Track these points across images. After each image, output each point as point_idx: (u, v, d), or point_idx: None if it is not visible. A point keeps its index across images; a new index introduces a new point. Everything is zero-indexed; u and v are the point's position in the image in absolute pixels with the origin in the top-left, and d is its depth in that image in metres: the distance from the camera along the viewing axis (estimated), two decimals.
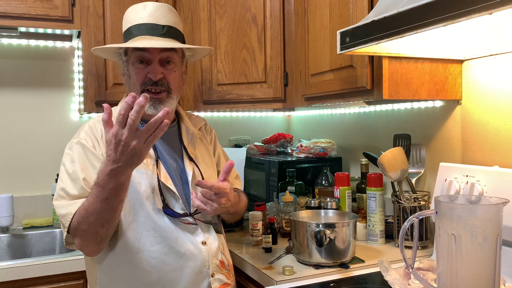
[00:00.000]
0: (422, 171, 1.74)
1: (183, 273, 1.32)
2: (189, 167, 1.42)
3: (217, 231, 1.44)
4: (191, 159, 1.44)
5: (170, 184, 1.35)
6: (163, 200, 1.32)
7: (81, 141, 1.32)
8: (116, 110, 1.37)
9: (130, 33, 1.36)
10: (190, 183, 1.40)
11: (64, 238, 1.27)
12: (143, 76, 1.34)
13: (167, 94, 1.36)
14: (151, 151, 1.36)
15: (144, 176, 1.32)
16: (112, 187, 1.10)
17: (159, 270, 1.30)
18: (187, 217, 1.35)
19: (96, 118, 1.40)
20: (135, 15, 1.37)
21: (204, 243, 1.36)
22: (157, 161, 1.36)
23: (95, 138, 1.33)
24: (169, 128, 1.43)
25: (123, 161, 1.06)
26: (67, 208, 1.22)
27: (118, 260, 1.30)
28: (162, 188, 1.33)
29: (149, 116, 1.34)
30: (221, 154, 1.64)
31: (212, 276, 1.36)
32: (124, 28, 1.40)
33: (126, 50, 1.37)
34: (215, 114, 2.59)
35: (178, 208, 1.35)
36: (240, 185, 1.67)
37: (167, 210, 1.32)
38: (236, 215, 1.52)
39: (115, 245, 1.30)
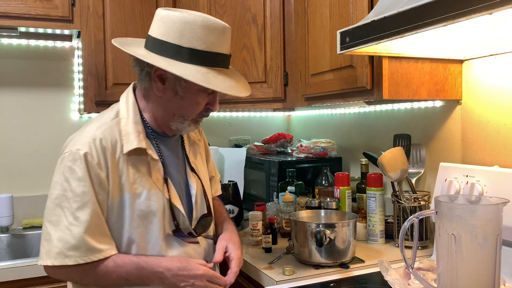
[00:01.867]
0: (422, 171, 1.74)
1: None
2: (193, 181, 1.36)
3: (215, 242, 1.40)
4: (192, 170, 1.38)
5: (179, 205, 1.28)
6: (177, 225, 1.26)
7: (86, 156, 1.16)
8: (114, 108, 1.30)
9: (204, 59, 1.20)
10: (194, 198, 1.34)
11: (42, 263, 1.16)
12: (203, 105, 1.27)
13: None
14: (160, 167, 1.27)
15: (154, 198, 1.23)
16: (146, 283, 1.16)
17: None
18: (195, 238, 1.31)
19: (104, 123, 1.23)
20: (213, 38, 1.21)
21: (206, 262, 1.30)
22: (166, 179, 1.27)
23: (102, 153, 1.18)
24: (172, 137, 1.37)
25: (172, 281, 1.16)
26: (87, 251, 1.14)
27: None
28: (174, 211, 1.26)
29: (184, 133, 1.34)
30: (211, 160, 1.60)
31: None
32: (189, 43, 1.18)
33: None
34: (215, 114, 2.59)
35: (184, 227, 1.29)
36: (219, 182, 1.62)
37: (179, 235, 1.27)
38: None
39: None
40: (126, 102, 1.28)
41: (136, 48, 1.25)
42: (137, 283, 1.18)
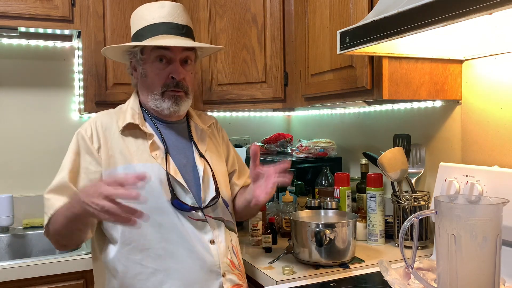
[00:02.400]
0: (422, 171, 1.74)
1: (192, 272, 1.29)
2: (200, 163, 1.40)
3: (230, 229, 1.41)
4: (201, 155, 1.42)
5: (179, 177, 1.33)
6: (172, 191, 1.29)
7: (81, 132, 1.35)
8: (120, 110, 1.43)
9: (148, 32, 1.34)
10: (201, 178, 1.37)
11: (44, 225, 1.28)
12: (165, 76, 1.35)
13: (185, 94, 1.38)
14: (160, 145, 1.36)
15: (150, 169, 1.30)
16: (73, 214, 1.15)
17: (167, 269, 1.27)
18: (197, 212, 1.32)
19: (105, 111, 1.43)
20: (152, 14, 1.35)
21: (212, 241, 1.33)
22: (166, 154, 1.35)
23: (95, 129, 1.34)
24: (179, 124, 1.45)
25: (82, 206, 1.07)
26: (50, 202, 1.26)
27: (124, 259, 1.28)
28: (171, 181, 1.31)
29: (170, 112, 1.37)
30: (235, 155, 1.62)
31: (223, 276, 1.32)
32: (138, 26, 1.37)
33: (143, 49, 1.35)
34: (215, 114, 2.58)
35: (188, 202, 1.32)
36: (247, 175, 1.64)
37: (175, 202, 1.29)
38: (257, 210, 1.56)
39: (119, 243, 1.28)
40: (129, 99, 1.45)
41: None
42: (72, 216, 1.16)
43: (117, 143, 1.32)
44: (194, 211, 1.32)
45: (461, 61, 1.57)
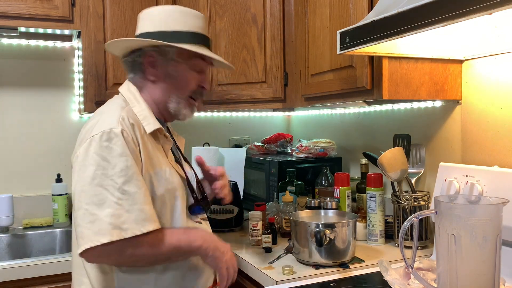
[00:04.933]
0: (422, 171, 1.74)
1: (201, 269, 1.32)
2: (188, 168, 1.43)
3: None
4: (185, 160, 1.46)
5: (193, 184, 1.37)
6: (196, 198, 1.33)
7: (119, 133, 1.15)
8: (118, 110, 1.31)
9: (191, 37, 1.32)
10: (194, 183, 1.41)
11: (89, 246, 1.09)
12: (196, 84, 1.36)
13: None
14: (174, 150, 1.38)
15: (173, 175, 1.28)
16: (194, 248, 1.21)
17: (180, 269, 1.28)
18: (195, 216, 1.36)
19: (126, 108, 1.26)
20: (191, 21, 1.33)
21: None
22: (178, 159, 1.37)
23: (132, 129, 1.20)
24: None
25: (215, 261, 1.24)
26: (132, 222, 1.11)
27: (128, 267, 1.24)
28: (192, 187, 1.35)
29: (182, 119, 1.38)
30: None
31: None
32: (177, 27, 1.31)
33: (180, 52, 1.32)
34: (215, 114, 2.59)
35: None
36: None
37: (197, 208, 1.34)
38: None
39: None
40: (131, 93, 1.33)
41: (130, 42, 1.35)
42: (183, 251, 1.21)
43: (147, 146, 1.24)
44: (194, 216, 1.36)
45: (461, 61, 1.57)
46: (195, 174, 1.44)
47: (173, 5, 1.39)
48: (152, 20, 1.33)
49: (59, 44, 2.26)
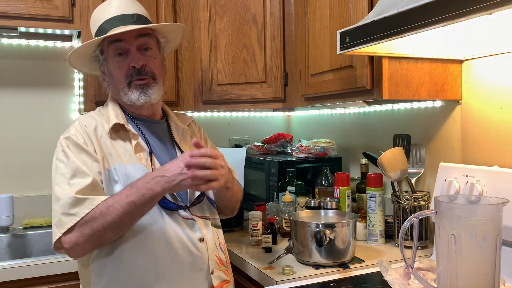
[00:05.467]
0: (422, 171, 1.74)
1: (182, 270, 1.29)
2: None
3: (216, 226, 1.43)
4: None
5: None
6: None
7: (71, 137, 1.29)
8: (104, 111, 1.40)
9: (101, 31, 1.36)
10: None
11: (55, 239, 1.21)
12: (126, 67, 1.35)
13: (152, 80, 1.37)
14: (144, 145, 1.36)
15: (138, 171, 1.29)
16: (150, 195, 1.17)
17: (157, 268, 1.27)
18: (184, 211, 1.33)
19: (87, 114, 1.41)
20: (102, 13, 1.38)
21: (202, 240, 1.34)
22: (150, 154, 1.35)
23: (86, 134, 1.31)
24: (159, 124, 1.46)
25: (176, 181, 1.16)
26: (90, 200, 1.19)
27: (114, 260, 1.27)
28: None
29: (142, 107, 1.39)
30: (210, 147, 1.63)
31: (212, 274, 1.34)
32: (94, 29, 1.40)
33: (102, 49, 1.37)
34: (215, 114, 2.59)
35: (174, 201, 1.33)
36: (236, 177, 1.64)
37: (162, 201, 1.29)
38: (232, 200, 1.50)
39: (110, 245, 1.27)
40: (108, 100, 1.45)
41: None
42: (139, 201, 1.18)
43: (106, 145, 1.31)
44: (181, 210, 1.33)
45: (461, 61, 1.57)
46: None
47: (97, 7, 1.43)
48: (90, 29, 1.45)
49: (59, 44, 2.26)
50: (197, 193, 1.39)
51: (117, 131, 1.34)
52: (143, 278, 1.27)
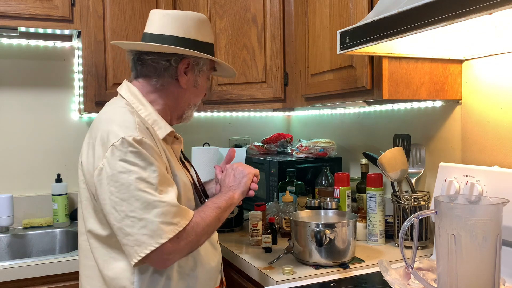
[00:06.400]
0: (422, 171, 1.74)
1: (212, 270, 1.33)
2: (190, 168, 1.43)
3: None
4: (186, 158, 1.45)
5: (198, 187, 1.38)
6: (202, 201, 1.33)
7: (144, 140, 1.14)
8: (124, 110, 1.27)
9: (211, 48, 1.37)
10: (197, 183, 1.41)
11: (150, 250, 1.07)
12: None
13: None
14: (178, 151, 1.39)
15: (183, 178, 1.28)
16: (231, 200, 1.27)
17: (196, 272, 1.28)
18: None
19: (127, 110, 1.24)
20: (210, 31, 1.38)
21: (218, 241, 1.40)
22: (183, 162, 1.38)
23: (151, 137, 1.20)
24: None
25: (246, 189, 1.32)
26: (179, 215, 1.12)
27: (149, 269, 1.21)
28: (198, 190, 1.36)
29: (186, 122, 1.43)
30: None
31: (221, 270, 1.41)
32: (205, 38, 1.34)
33: (206, 62, 1.36)
34: (215, 114, 2.59)
35: None
36: None
37: None
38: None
39: None
40: (134, 96, 1.29)
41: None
42: (225, 208, 1.26)
43: (164, 151, 1.25)
44: None
45: (461, 61, 1.57)
46: (196, 175, 1.44)
47: (194, 13, 1.36)
48: (182, 25, 1.30)
49: (59, 44, 2.26)
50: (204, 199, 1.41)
51: (164, 138, 1.28)
52: (181, 280, 1.25)
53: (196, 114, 2.43)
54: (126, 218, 1.09)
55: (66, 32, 2.13)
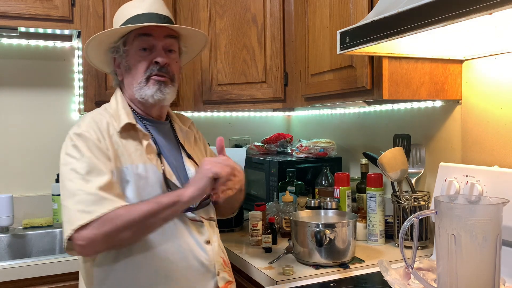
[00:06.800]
0: (422, 171, 1.74)
1: (190, 273, 1.29)
2: (189, 164, 1.41)
3: (217, 227, 1.44)
4: (189, 156, 1.43)
5: (174, 179, 1.32)
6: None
7: (84, 133, 1.25)
8: (109, 107, 1.38)
9: (130, 23, 1.34)
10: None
11: (67, 236, 1.15)
12: (148, 62, 1.34)
13: (170, 81, 1.37)
14: (153, 146, 1.34)
15: (150, 171, 1.28)
16: (176, 199, 1.18)
17: (166, 271, 1.26)
18: (192, 212, 1.33)
19: (98, 110, 1.36)
20: (133, 8, 1.37)
21: (208, 242, 1.34)
22: (159, 155, 1.34)
23: (99, 131, 1.27)
24: (164, 125, 1.45)
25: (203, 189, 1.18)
26: (96, 204, 1.14)
27: (122, 261, 1.25)
28: (168, 183, 1.30)
29: (153, 107, 1.39)
30: (211, 151, 1.62)
31: (218, 275, 1.33)
32: (121, 21, 1.37)
33: (126, 41, 1.36)
34: (215, 114, 2.59)
35: None
36: None
37: None
38: (239, 202, 1.50)
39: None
40: (115, 97, 1.41)
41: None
42: (166, 201, 1.18)
43: (118, 144, 1.28)
44: (189, 212, 1.33)
45: (461, 61, 1.57)
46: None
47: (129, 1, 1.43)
48: (115, 19, 1.43)
49: (59, 44, 2.26)
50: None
51: (127, 130, 1.31)
52: (152, 280, 1.25)
53: (196, 114, 2.44)
54: (62, 202, 1.22)
55: (66, 32, 2.13)
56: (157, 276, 1.26)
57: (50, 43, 2.25)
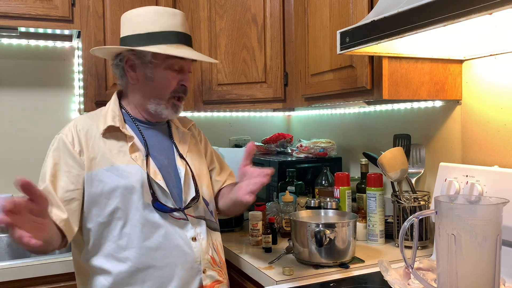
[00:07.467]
0: (422, 171, 1.74)
1: (174, 269, 1.32)
2: (180, 164, 1.43)
3: (212, 228, 1.45)
4: (181, 156, 1.45)
5: (159, 179, 1.35)
6: (153, 194, 1.33)
7: (61, 137, 1.34)
8: (109, 109, 1.41)
9: (163, 38, 1.35)
10: (182, 179, 1.41)
11: None
12: (176, 83, 1.39)
13: (184, 97, 1.45)
14: (141, 146, 1.38)
15: (133, 171, 1.33)
16: None
17: (148, 267, 1.30)
18: (177, 212, 1.36)
19: (87, 114, 1.43)
20: (165, 21, 1.36)
21: (194, 239, 1.37)
22: (147, 156, 1.37)
23: (76, 133, 1.34)
24: (160, 125, 1.48)
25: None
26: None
27: (107, 258, 1.31)
28: (151, 183, 1.33)
29: (165, 117, 1.44)
30: (213, 153, 1.65)
31: (203, 273, 1.37)
32: (150, 28, 1.35)
33: (155, 54, 1.36)
34: (215, 114, 2.59)
35: (169, 203, 1.35)
36: (234, 180, 1.65)
37: (157, 204, 1.32)
38: (243, 208, 1.51)
39: (103, 242, 1.31)
40: (109, 101, 1.46)
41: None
42: None
43: (99, 146, 1.33)
44: (175, 212, 1.36)
45: (461, 61, 1.57)
46: (191, 170, 1.45)
47: (150, 6, 1.43)
48: (129, 23, 1.39)
49: (59, 44, 2.26)
50: (192, 196, 1.41)
51: (114, 132, 1.36)
52: (134, 276, 1.30)
53: (196, 114, 2.44)
54: None
55: (66, 32, 2.13)
56: (138, 273, 1.30)
57: (50, 43, 2.25)
